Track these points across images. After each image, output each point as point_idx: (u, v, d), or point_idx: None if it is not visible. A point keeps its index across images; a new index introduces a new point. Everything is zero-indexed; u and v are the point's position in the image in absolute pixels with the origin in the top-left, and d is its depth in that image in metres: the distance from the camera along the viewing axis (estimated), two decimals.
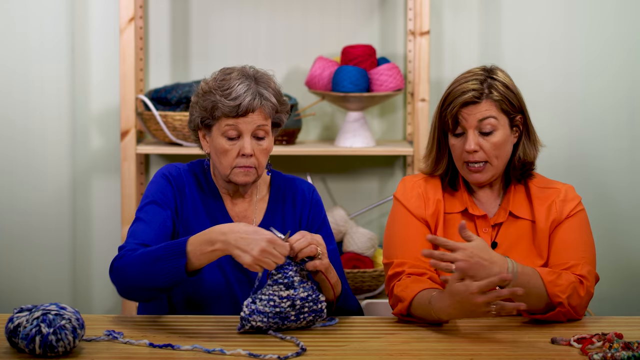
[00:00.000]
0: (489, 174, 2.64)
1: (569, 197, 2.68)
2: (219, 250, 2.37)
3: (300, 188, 2.76)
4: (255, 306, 2.40)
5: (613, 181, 3.92)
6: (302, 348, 2.30)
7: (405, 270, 2.60)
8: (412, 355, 2.29)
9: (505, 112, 2.62)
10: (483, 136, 2.61)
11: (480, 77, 2.63)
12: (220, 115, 2.59)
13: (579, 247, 2.61)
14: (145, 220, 2.60)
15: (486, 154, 2.61)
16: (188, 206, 2.68)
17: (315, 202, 2.77)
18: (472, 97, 2.60)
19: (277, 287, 2.41)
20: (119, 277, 2.50)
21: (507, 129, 2.63)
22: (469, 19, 3.88)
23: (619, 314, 3.73)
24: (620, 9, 3.88)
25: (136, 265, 2.45)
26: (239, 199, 2.72)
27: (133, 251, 2.50)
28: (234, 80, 2.59)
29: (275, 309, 2.40)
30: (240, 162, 2.61)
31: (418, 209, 2.68)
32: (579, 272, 2.55)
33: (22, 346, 2.21)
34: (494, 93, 2.60)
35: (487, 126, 2.60)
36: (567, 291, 2.49)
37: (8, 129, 3.85)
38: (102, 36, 3.83)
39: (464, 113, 2.60)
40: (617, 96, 3.90)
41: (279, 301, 2.40)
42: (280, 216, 2.73)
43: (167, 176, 2.68)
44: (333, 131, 3.93)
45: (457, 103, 2.60)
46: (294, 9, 3.88)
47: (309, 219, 2.74)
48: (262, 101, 2.59)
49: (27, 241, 3.88)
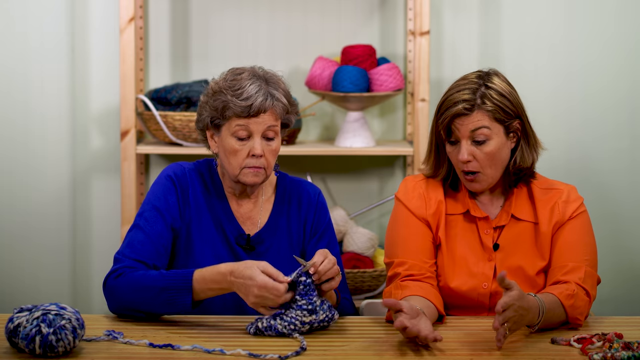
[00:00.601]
0: (485, 183, 2.63)
1: (571, 198, 2.68)
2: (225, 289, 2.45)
3: (306, 190, 2.77)
4: (275, 323, 2.39)
5: (613, 182, 3.92)
6: (301, 347, 2.30)
7: (402, 272, 2.61)
8: (411, 355, 2.29)
9: (499, 120, 2.59)
10: (476, 145, 2.59)
11: (473, 86, 2.60)
12: (231, 115, 2.59)
13: (581, 249, 2.61)
14: (144, 230, 2.61)
15: (479, 163, 2.60)
16: (191, 207, 2.68)
17: (321, 205, 2.77)
18: (463, 108, 2.57)
19: (301, 313, 2.39)
20: (114, 296, 2.54)
21: (501, 137, 2.61)
22: (469, 19, 3.88)
23: (621, 314, 3.72)
24: (620, 9, 3.88)
25: (136, 291, 2.49)
26: (245, 199, 2.72)
27: (130, 270, 2.53)
28: (245, 81, 2.59)
29: (293, 329, 2.39)
30: (250, 163, 2.62)
31: (419, 209, 2.68)
32: (582, 274, 2.56)
33: (22, 346, 2.21)
34: (487, 103, 2.58)
35: (480, 136, 2.58)
36: (584, 312, 2.53)
37: (8, 129, 3.84)
38: (102, 36, 3.83)
39: (457, 124, 2.59)
40: (617, 96, 3.90)
41: (299, 326, 2.39)
42: (285, 218, 2.73)
43: (171, 178, 2.68)
44: (333, 131, 3.93)
45: (448, 114, 2.59)
46: (294, 9, 3.88)
47: (313, 222, 2.74)
48: (273, 102, 2.60)
49: (27, 241, 3.88)
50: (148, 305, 2.48)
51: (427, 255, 2.65)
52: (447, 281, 2.65)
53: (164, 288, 2.46)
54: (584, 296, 2.53)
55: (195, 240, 2.66)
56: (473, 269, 2.64)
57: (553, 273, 2.60)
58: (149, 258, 2.57)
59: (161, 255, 2.60)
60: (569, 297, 2.50)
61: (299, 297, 2.39)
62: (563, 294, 2.50)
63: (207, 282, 2.44)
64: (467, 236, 2.66)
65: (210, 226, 2.67)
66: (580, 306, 2.51)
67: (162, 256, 2.60)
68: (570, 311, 2.49)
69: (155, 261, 2.58)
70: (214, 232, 2.68)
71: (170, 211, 2.65)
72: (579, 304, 2.51)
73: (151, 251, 2.59)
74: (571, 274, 2.57)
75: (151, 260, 2.57)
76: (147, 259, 2.57)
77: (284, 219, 2.73)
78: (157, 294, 2.46)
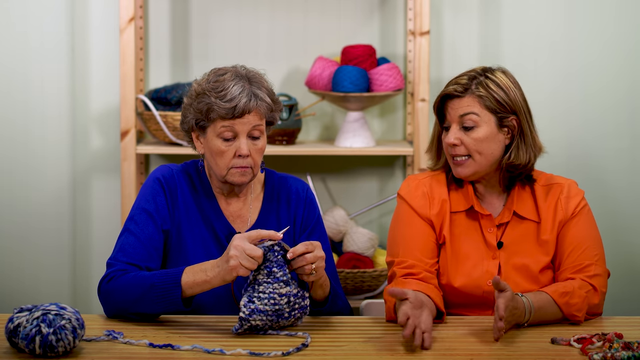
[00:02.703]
0: (472, 169, 2.64)
1: (572, 193, 2.69)
2: (211, 278, 2.44)
3: (294, 187, 2.77)
4: (255, 305, 2.40)
5: (613, 182, 3.92)
6: (303, 343, 2.32)
7: (402, 271, 2.61)
8: (412, 355, 2.29)
9: (490, 109, 2.62)
10: (465, 131, 2.63)
11: (473, 74, 2.65)
12: (215, 117, 2.59)
13: (591, 245, 2.64)
14: (135, 233, 2.62)
15: (467, 148, 2.63)
16: (180, 208, 2.68)
17: (310, 200, 2.77)
18: (454, 90, 2.63)
19: (278, 285, 2.41)
20: (108, 300, 2.54)
21: (492, 127, 2.63)
22: (469, 19, 3.88)
23: (621, 314, 3.72)
24: (620, 9, 3.87)
25: (128, 292, 2.50)
26: (234, 198, 2.73)
27: (122, 272, 2.53)
28: (228, 82, 2.59)
29: (274, 307, 2.40)
30: (236, 163, 2.62)
31: (423, 208, 2.68)
32: (593, 272, 2.60)
33: (22, 346, 2.21)
34: (480, 89, 2.62)
35: (468, 121, 2.62)
36: (582, 308, 2.55)
37: (8, 129, 3.84)
38: (102, 36, 3.83)
39: (449, 107, 2.65)
40: (617, 96, 3.90)
41: (279, 299, 2.41)
42: (274, 215, 2.73)
43: (159, 180, 2.69)
44: (333, 131, 3.93)
45: (440, 94, 2.66)
46: (294, 9, 3.88)
47: (303, 218, 2.74)
48: (257, 102, 2.60)
49: (27, 241, 3.88)
50: (140, 304, 2.48)
51: (428, 255, 2.65)
52: (450, 279, 2.65)
53: (153, 284, 2.46)
54: (584, 293, 2.55)
55: (187, 241, 2.67)
56: (477, 266, 2.65)
57: (566, 272, 2.62)
58: (141, 260, 2.58)
59: (153, 257, 2.60)
60: (562, 295, 2.52)
61: (276, 268, 2.40)
62: (557, 292, 2.53)
63: (195, 272, 2.45)
64: (471, 234, 2.67)
65: (200, 226, 2.68)
66: (577, 303, 2.53)
67: (155, 258, 2.61)
68: (565, 308, 2.52)
69: (147, 263, 2.58)
70: (205, 231, 2.68)
71: (160, 213, 2.65)
72: (575, 301, 2.53)
73: (143, 254, 2.59)
74: (581, 273, 2.60)
75: (143, 263, 2.58)
76: (139, 261, 2.57)
77: (273, 216, 2.73)
78: (147, 291, 2.47)
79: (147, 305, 2.48)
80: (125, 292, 2.50)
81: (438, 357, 2.28)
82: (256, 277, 2.42)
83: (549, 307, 2.52)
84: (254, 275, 2.42)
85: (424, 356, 2.29)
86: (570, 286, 2.55)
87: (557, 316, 2.53)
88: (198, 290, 2.46)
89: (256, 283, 2.42)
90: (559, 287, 2.55)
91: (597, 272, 2.60)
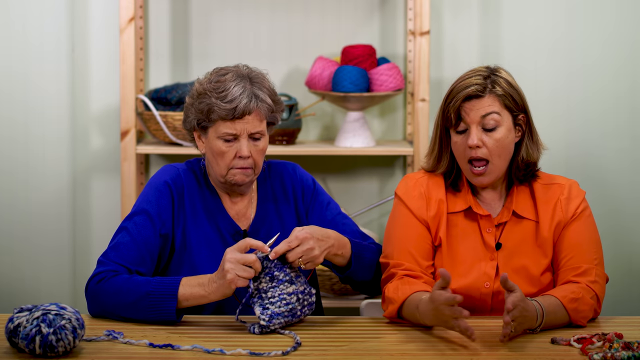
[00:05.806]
0: (493, 176, 2.61)
1: (573, 194, 2.66)
2: (208, 293, 2.45)
3: (285, 168, 2.79)
4: (271, 310, 2.42)
5: (614, 182, 3.92)
6: (297, 342, 2.32)
7: (398, 272, 2.60)
8: (412, 355, 2.29)
9: (508, 108, 2.59)
10: (486, 132, 2.58)
11: (483, 74, 2.60)
12: (216, 118, 2.59)
13: (590, 248, 2.61)
14: (132, 234, 2.61)
15: (489, 150, 2.57)
16: (186, 209, 2.68)
17: (301, 177, 2.78)
18: (475, 90, 2.57)
19: (284, 286, 2.43)
20: (96, 300, 2.53)
21: (510, 127, 2.60)
22: (469, 19, 3.88)
23: (621, 314, 3.72)
24: (620, 9, 3.88)
25: (120, 296, 2.49)
26: (238, 197, 2.73)
27: (113, 274, 2.53)
28: (229, 82, 2.59)
29: (288, 306, 2.43)
30: (237, 164, 2.62)
31: (419, 209, 2.66)
32: (594, 277, 2.57)
33: (22, 346, 2.21)
34: (497, 88, 2.58)
35: (490, 122, 2.57)
36: (589, 315, 2.53)
37: (8, 129, 3.84)
38: (102, 36, 3.83)
39: (467, 108, 2.57)
40: (617, 96, 3.90)
41: (289, 298, 2.43)
42: (272, 202, 2.74)
43: (168, 184, 2.67)
44: (333, 131, 3.93)
45: (460, 97, 2.57)
46: (294, 9, 3.88)
47: (304, 195, 2.76)
48: (258, 103, 2.60)
49: (27, 241, 3.88)
50: (131, 309, 2.48)
51: (423, 257, 2.63)
52: None
53: (149, 292, 2.46)
54: (590, 299, 2.53)
55: (192, 240, 2.66)
56: (475, 268, 2.62)
57: (565, 274, 2.60)
58: (132, 263, 2.57)
59: (146, 261, 2.60)
60: (572, 301, 2.50)
61: (277, 271, 2.43)
62: (567, 298, 2.50)
63: (192, 285, 2.46)
64: (469, 235, 2.65)
65: (205, 225, 2.68)
66: (585, 310, 2.51)
67: (147, 263, 2.60)
68: (573, 314, 2.49)
69: (138, 267, 2.58)
70: (209, 230, 2.68)
71: (161, 217, 2.64)
72: (583, 308, 2.51)
73: (136, 257, 2.58)
74: (583, 277, 2.57)
75: (134, 266, 2.57)
76: (130, 264, 2.57)
77: (270, 204, 2.74)
78: (141, 298, 2.46)
79: (139, 312, 2.47)
80: (117, 295, 2.49)
81: (438, 357, 2.28)
82: (260, 286, 2.43)
83: (559, 312, 2.48)
84: (257, 285, 2.43)
85: (424, 356, 2.29)
86: (579, 292, 2.52)
87: (564, 321, 2.50)
88: (194, 303, 2.47)
89: (262, 292, 2.43)
90: (568, 293, 2.51)
91: (597, 277, 2.57)
